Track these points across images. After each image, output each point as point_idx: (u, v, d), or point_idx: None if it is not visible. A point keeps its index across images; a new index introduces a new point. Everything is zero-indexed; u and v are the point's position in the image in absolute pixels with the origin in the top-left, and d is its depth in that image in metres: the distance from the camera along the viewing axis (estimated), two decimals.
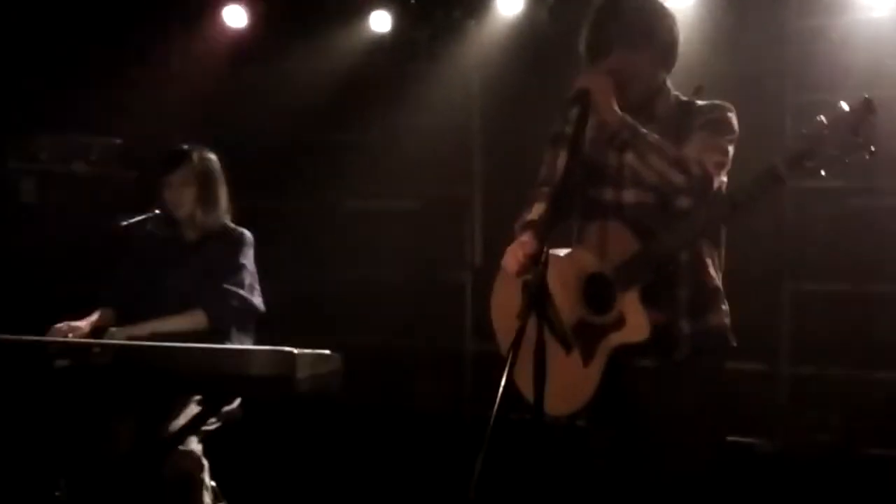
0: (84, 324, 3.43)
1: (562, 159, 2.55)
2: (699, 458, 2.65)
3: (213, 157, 3.76)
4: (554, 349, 2.68)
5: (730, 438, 4.48)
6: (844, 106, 2.34)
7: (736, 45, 4.63)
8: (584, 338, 2.65)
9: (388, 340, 5.40)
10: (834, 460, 4.39)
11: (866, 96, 2.27)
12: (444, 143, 5.39)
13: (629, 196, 2.67)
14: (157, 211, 3.71)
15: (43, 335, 3.23)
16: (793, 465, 4.47)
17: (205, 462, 3.55)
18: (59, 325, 3.30)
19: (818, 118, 2.38)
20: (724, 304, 2.71)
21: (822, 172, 2.38)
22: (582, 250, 2.71)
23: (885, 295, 4.51)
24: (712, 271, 2.67)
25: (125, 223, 3.59)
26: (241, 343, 3.66)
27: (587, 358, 2.64)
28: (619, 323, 2.59)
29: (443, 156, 5.40)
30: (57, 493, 3.51)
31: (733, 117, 2.65)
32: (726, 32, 4.60)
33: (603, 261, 2.62)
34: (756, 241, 4.60)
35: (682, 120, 2.65)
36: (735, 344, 2.72)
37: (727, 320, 2.71)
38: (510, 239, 2.76)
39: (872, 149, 2.31)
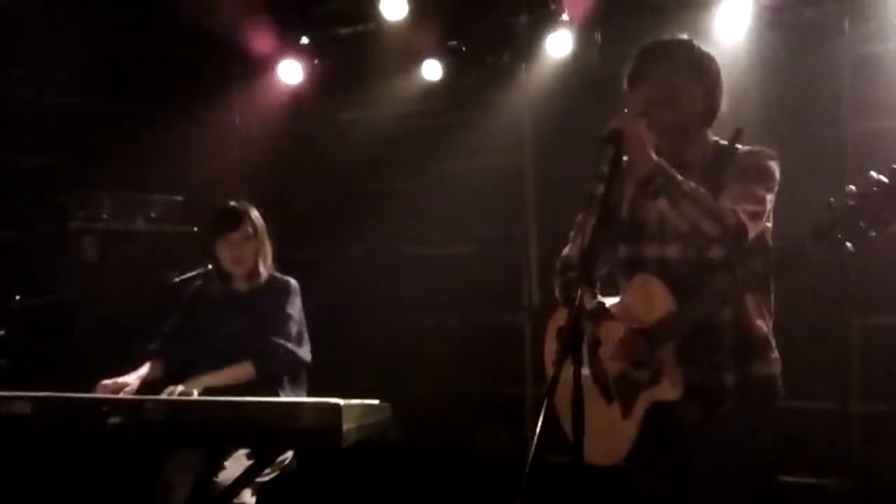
0: (133, 378, 3.48)
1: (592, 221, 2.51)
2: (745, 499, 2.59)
3: (260, 213, 3.85)
4: (597, 398, 2.68)
5: (800, 479, 4.37)
6: (876, 176, 2.24)
7: (791, 77, 4.54)
8: (625, 391, 2.64)
9: (447, 386, 5.36)
10: None
11: None
12: (499, 187, 5.39)
13: (672, 251, 2.65)
14: (209, 266, 3.78)
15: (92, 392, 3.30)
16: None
17: None
18: (105, 382, 3.37)
19: (848, 188, 2.30)
20: (773, 352, 2.67)
21: (850, 245, 2.29)
22: (627, 304, 2.69)
23: None
24: (759, 320, 2.63)
25: (178, 279, 3.66)
26: (294, 394, 3.70)
27: (626, 411, 2.63)
28: (656, 380, 2.58)
29: (497, 199, 5.39)
30: None
31: (773, 164, 2.60)
32: (779, 66, 4.51)
33: (645, 316, 2.60)
34: (821, 275, 4.50)
35: (720, 167, 2.62)
36: (781, 393, 2.67)
37: (776, 369, 2.67)
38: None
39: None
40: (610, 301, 2.77)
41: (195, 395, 3.32)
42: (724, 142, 2.70)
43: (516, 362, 5.32)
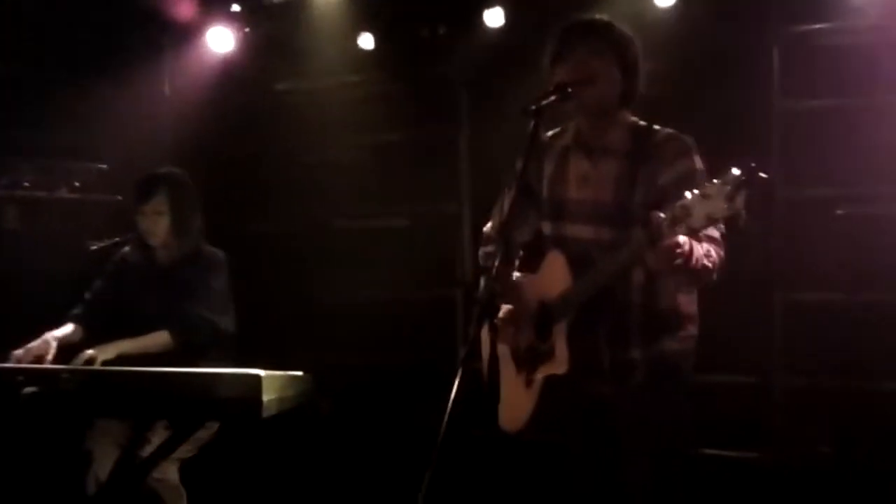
0: (50, 339, 3.42)
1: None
2: (663, 472, 2.67)
3: (186, 181, 3.77)
4: (511, 369, 2.74)
5: (722, 452, 4.45)
6: (734, 171, 2.22)
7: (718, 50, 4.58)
8: (529, 362, 2.70)
9: (378, 358, 5.37)
10: (827, 473, 4.32)
11: (752, 165, 2.18)
12: (433, 160, 5.38)
13: (587, 232, 2.70)
14: (127, 235, 3.73)
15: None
16: (787, 477, 4.40)
17: (183, 490, 3.55)
18: (17, 352, 3.31)
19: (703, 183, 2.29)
20: (687, 329, 2.72)
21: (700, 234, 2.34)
22: (538, 279, 2.76)
23: (879, 304, 4.43)
24: (674, 299, 2.68)
25: (95, 247, 3.61)
26: (219, 366, 3.66)
27: (528, 382, 2.68)
28: (550, 354, 2.63)
29: (432, 173, 5.37)
30: None
31: (698, 160, 2.64)
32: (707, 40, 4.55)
33: (550, 292, 2.67)
34: (746, 252, 4.56)
35: (638, 148, 2.66)
36: (690, 368, 2.74)
37: (687, 346, 2.73)
38: None
39: (742, 216, 2.21)
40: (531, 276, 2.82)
41: (98, 362, 3.27)
42: (642, 122, 2.74)
43: (448, 336, 5.33)
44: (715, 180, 2.21)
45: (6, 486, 3.72)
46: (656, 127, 2.71)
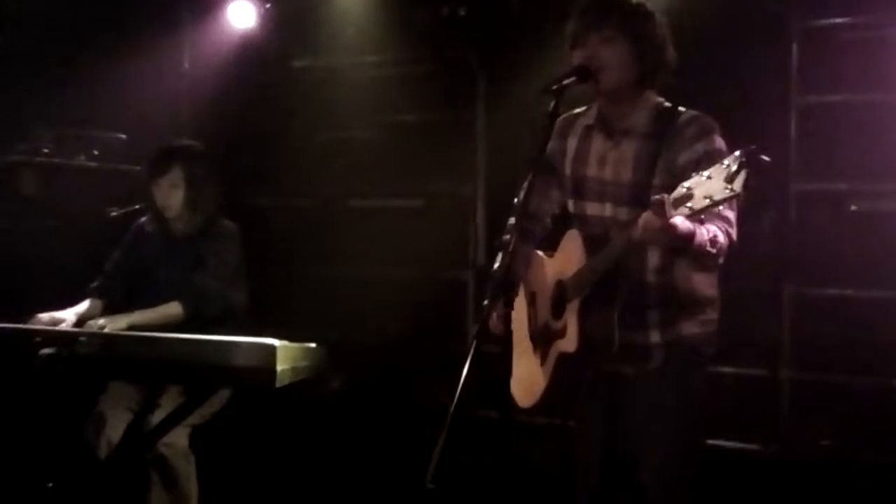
0: (70, 314, 3.45)
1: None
2: (678, 460, 2.67)
3: (203, 155, 3.78)
4: (528, 345, 2.76)
5: (728, 443, 4.47)
6: (734, 153, 2.21)
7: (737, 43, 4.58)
8: (545, 340, 2.70)
9: (389, 338, 5.39)
10: (834, 466, 4.34)
11: (753, 147, 2.17)
12: (449, 141, 5.38)
13: (604, 210, 2.71)
14: (146, 204, 3.75)
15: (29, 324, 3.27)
16: (793, 470, 4.42)
17: (192, 457, 3.58)
18: (40, 315, 3.33)
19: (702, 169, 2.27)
20: (706, 314, 2.71)
21: (702, 217, 2.32)
22: (557, 257, 2.78)
23: (888, 299, 4.44)
24: (690, 281, 2.68)
25: (115, 213, 3.63)
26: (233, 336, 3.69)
27: (543, 359, 2.69)
28: (563, 332, 2.64)
29: (448, 154, 5.38)
30: (49, 484, 3.53)
31: (720, 141, 2.60)
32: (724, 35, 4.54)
33: (567, 270, 2.67)
34: (757, 246, 4.58)
35: (661, 130, 2.64)
36: (711, 352, 2.74)
37: (707, 329, 2.72)
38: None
39: (741, 197, 2.19)
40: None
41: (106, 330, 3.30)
42: (667, 104, 2.72)
43: (459, 317, 5.35)
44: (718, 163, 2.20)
45: (20, 446, 3.76)
46: (681, 109, 2.68)
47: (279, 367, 2.77)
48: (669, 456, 2.67)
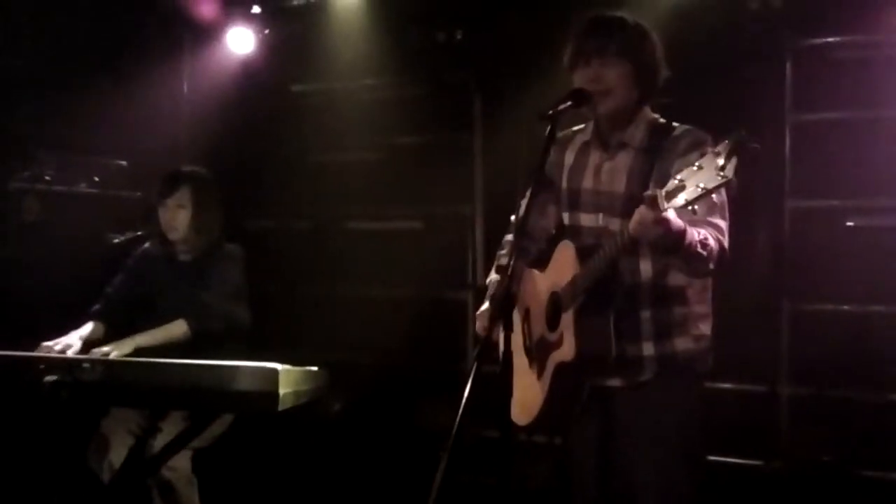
0: (75, 339, 3.48)
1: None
2: (672, 474, 2.67)
3: (209, 180, 3.83)
4: (524, 361, 2.78)
5: (728, 459, 4.48)
6: (724, 141, 2.22)
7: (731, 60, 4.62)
8: (540, 352, 2.72)
9: (388, 359, 5.41)
10: (834, 481, 4.35)
11: (742, 133, 2.18)
12: (447, 163, 5.41)
13: (597, 221, 2.75)
14: (151, 229, 3.78)
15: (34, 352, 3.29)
16: (793, 485, 4.43)
17: (194, 479, 3.59)
18: (47, 343, 3.36)
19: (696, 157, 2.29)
20: (699, 328, 2.73)
21: (694, 208, 2.30)
22: (551, 269, 2.79)
23: (886, 314, 4.46)
24: (685, 295, 2.70)
25: (118, 240, 3.67)
26: (233, 359, 3.71)
27: (540, 372, 2.70)
28: (559, 342, 2.65)
29: (446, 175, 5.41)
30: None
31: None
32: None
33: (560, 281, 2.69)
34: (754, 262, 4.61)
35: (656, 144, 2.68)
36: (705, 369, 2.74)
37: (701, 345, 2.73)
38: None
39: (733, 184, 2.20)
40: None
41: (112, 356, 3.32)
42: (662, 120, 2.76)
43: (458, 338, 5.37)
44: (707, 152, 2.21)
45: (25, 471, 3.77)
46: (675, 124, 2.72)
47: (282, 391, 2.80)
48: (662, 470, 2.67)
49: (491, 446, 2.73)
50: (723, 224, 2.56)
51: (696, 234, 2.44)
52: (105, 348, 3.38)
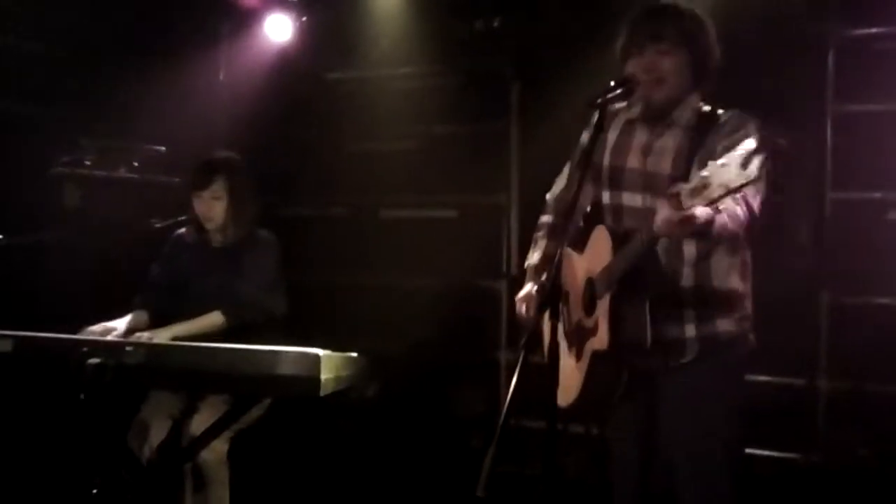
0: (119, 324, 3.51)
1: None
2: (711, 456, 2.65)
3: (244, 167, 3.84)
4: (564, 345, 2.78)
5: (765, 452, 4.45)
6: (751, 143, 2.23)
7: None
8: (579, 338, 2.71)
9: (422, 348, 5.41)
10: (871, 475, 4.31)
11: (766, 133, 2.20)
12: (483, 153, 5.41)
13: (640, 201, 2.72)
14: (190, 216, 3.80)
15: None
16: (830, 479, 4.40)
17: (227, 465, 3.62)
18: (93, 327, 3.39)
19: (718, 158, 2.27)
20: (741, 311, 2.70)
21: (720, 205, 2.31)
22: (588, 254, 2.78)
23: None
24: (728, 276, 2.67)
25: (160, 225, 3.70)
26: (272, 345, 3.73)
27: (578, 357, 2.70)
28: (595, 329, 2.64)
29: (482, 165, 5.40)
30: (94, 491, 3.58)
31: (756, 131, 2.58)
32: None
33: (596, 266, 2.67)
34: (794, 254, 4.57)
35: (703, 129, 2.66)
36: (747, 350, 2.72)
37: (742, 327, 2.71)
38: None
39: (756, 180, 2.18)
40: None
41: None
42: (707, 107, 2.74)
43: (492, 328, 5.37)
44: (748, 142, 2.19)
45: (66, 450, 3.81)
46: (721, 111, 2.70)
47: (323, 377, 2.81)
48: (703, 452, 2.65)
49: (529, 436, 2.72)
50: (751, 190, 2.45)
51: (724, 217, 2.42)
52: (144, 335, 3.40)
